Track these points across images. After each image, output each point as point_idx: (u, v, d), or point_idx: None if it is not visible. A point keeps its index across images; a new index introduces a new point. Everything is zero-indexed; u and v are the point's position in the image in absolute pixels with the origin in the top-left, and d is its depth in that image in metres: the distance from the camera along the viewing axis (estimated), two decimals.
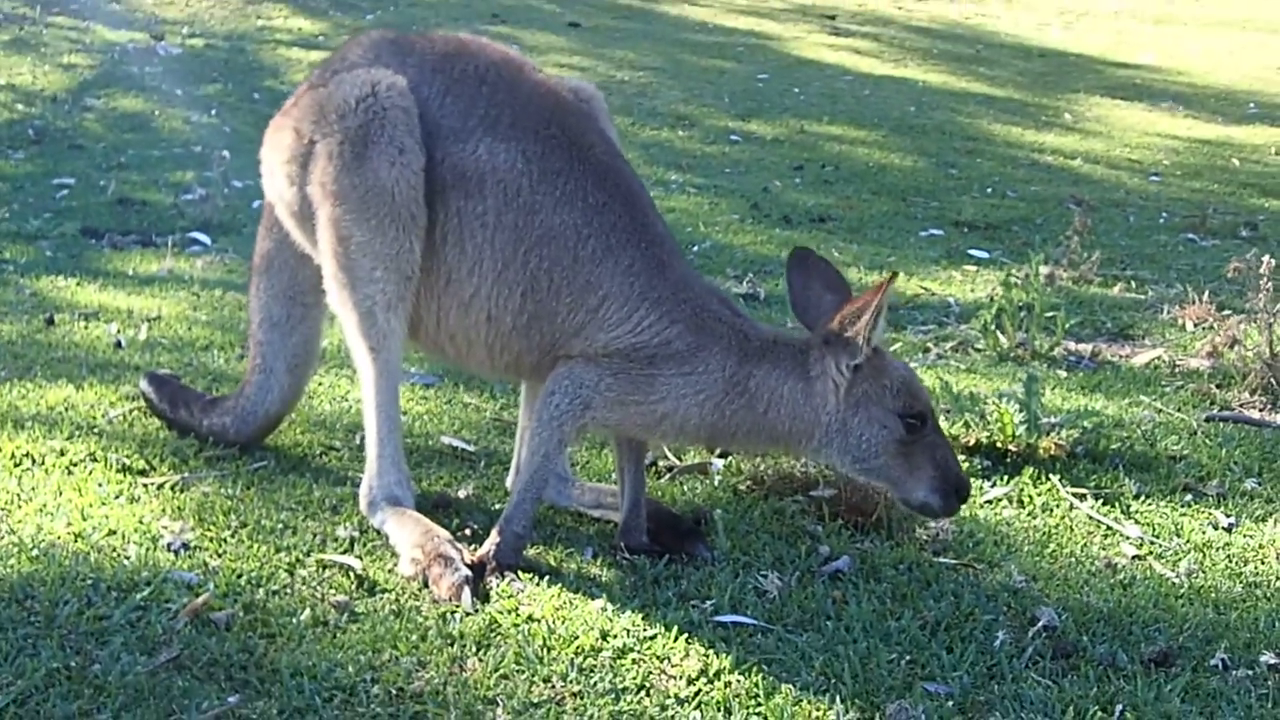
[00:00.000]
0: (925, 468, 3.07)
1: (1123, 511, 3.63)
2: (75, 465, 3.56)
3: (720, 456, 3.91)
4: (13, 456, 3.58)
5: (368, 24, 14.12)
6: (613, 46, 13.96)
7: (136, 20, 13.94)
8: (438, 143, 3.19)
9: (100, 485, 3.43)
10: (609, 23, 15.53)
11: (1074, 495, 3.71)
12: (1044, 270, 6.40)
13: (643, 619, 2.85)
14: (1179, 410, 4.53)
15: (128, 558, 3.01)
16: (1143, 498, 3.73)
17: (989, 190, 8.90)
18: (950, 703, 2.60)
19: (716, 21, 16.41)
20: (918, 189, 8.83)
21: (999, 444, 3.94)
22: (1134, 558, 3.36)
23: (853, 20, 17.36)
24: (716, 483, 3.73)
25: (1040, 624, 2.91)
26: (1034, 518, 3.58)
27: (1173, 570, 3.29)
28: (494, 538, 3.10)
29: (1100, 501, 3.69)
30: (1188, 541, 3.47)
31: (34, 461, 3.56)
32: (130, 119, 10.31)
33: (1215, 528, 3.56)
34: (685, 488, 3.71)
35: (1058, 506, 3.66)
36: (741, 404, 3.11)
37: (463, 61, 3.30)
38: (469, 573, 2.96)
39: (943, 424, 3.99)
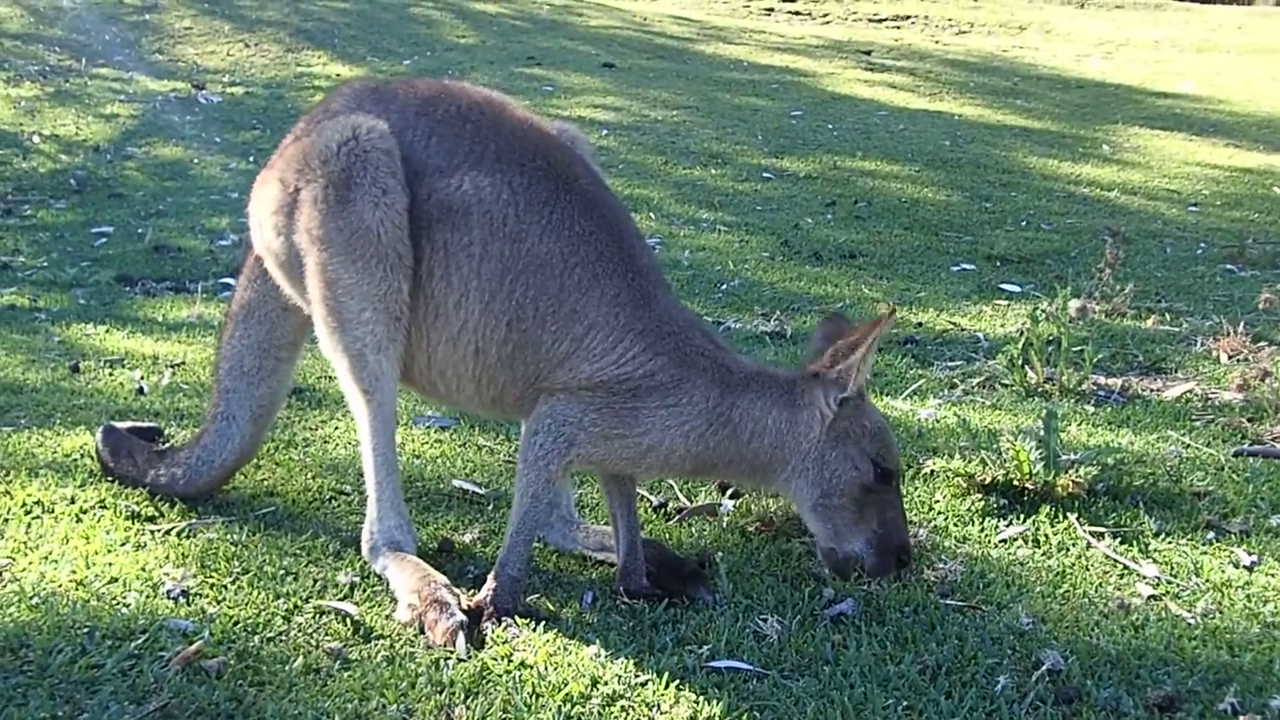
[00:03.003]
0: (871, 521, 3.11)
1: (1141, 550, 3.54)
2: (85, 512, 3.58)
3: (731, 498, 3.87)
4: (24, 504, 3.61)
5: (405, 69, 14.30)
6: (646, 86, 14.02)
7: (179, 70, 14.21)
8: (423, 181, 3.20)
9: (108, 532, 3.45)
10: (643, 63, 15.61)
11: (1091, 534, 3.63)
12: (1075, 303, 6.31)
13: (635, 665, 2.81)
14: (1208, 445, 4.43)
15: (126, 605, 3.01)
16: (1163, 536, 3.64)
17: (1023, 223, 8.82)
18: None
19: (751, 59, 16.45)
20: (950, 223, 8.77)
21: (1015, 482, 3.87)
22: (1149, 598, 3.27)
23: (888, 55, 17.34)
24: (724, 524, 3.69)
25: (1044, 667, 2.83)
26: (1048, 557, 3.50)
27: (1189, 611, 3.20)
28: (490, 583, 3.08)
29: (1118, 540, 3.60)
30: (1206, 581, 3.37)
31: (44, 509, 3.59)
32: (170, 167, 10.48)
33: (1236, 566, 3.46)
34: (693, 529, 3.67)
35: (1074, 546, 3.58)
36: (725, 434, 3.11)
37: (445, 103, 3.31)
38: (464, 618, 2.94)
39: (959, 461, 3.94)
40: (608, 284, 3.14)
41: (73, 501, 3.64)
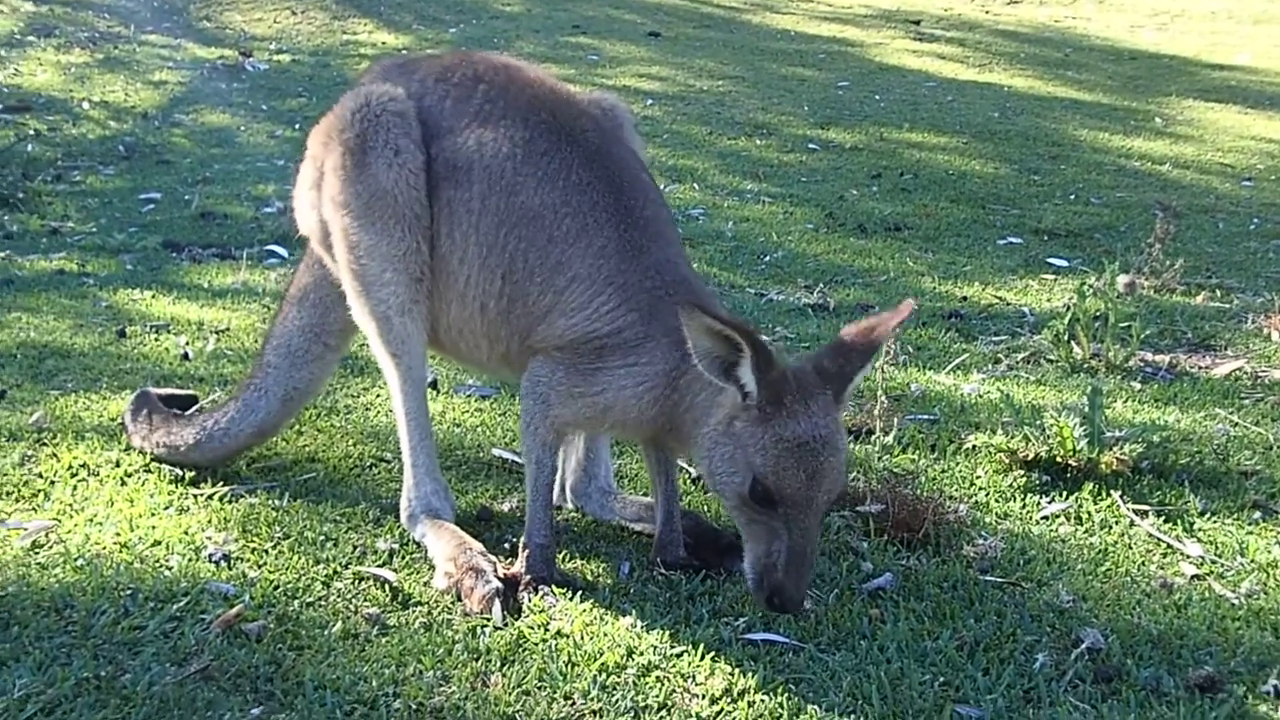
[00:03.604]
0: (761, 542, 2.79)
1: (1185, 529, 3.50)
2: (129, 476, 3.63)
3: None
4: (70, 467, 3.66)
5: (450, 37, 14.28)
6: (693, 55, 13.91)
7: (226, 37, 14.26)
8: (435, 141, 3.24)
9: (151, 496, 3.49)
10: (690, 32, 15.49)
11: (1135, 512, 3.59)
12: (1124, 279, 6.24)
13: (671, 636, 2.82)
14: (1256, 424, 4.37)
15: (169, 568, 3.05)
16: (1208, 515, 3.59)
17: (1072, 197, 8.69)
18: None
19: (799, 29, 16.28)
20: (998, 196, 8.66)
21: (1059, 458, 3.83)
22: (1193, 578, 3.23)
23: (938, 25, 17.11)
24: None
25: (1084, 645, 2.81)
26: (1090, 535, 3.47)
27: (1233, 591, 3.16)
28: (522, 553, 3.10)
29: (1162, 519, 3.56)
30: (1252, 561, 3.33)
31: (90, 472, 3.64)
32: (217, 134, 10.53)
33: None
34: None
35: (1117, 523, 3.54)
36: (674, 399, 2.98)
37: (464, 68, 3.36)
38: (500, 585, 2.96)
39: (1002, 437, 3.90)
40: (596, 235, 3.10)
41: (118, 465, 3.69)
